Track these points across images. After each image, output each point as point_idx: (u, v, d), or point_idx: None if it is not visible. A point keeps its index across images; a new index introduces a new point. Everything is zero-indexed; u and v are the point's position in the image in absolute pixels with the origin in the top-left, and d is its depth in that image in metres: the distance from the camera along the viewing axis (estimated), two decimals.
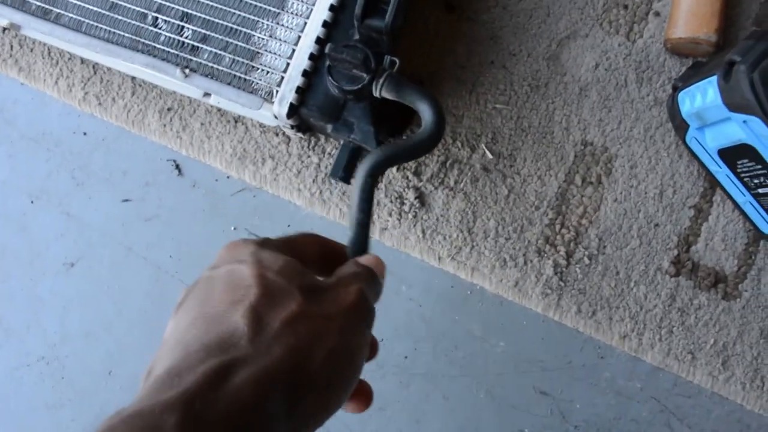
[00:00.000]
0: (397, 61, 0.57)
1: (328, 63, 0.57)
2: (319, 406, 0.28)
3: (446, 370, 0.69)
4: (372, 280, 0.34)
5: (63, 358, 0.72)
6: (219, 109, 0.71)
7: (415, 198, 0.68)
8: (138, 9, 0.63)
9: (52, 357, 0.72)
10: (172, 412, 0.23)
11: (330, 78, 0.57)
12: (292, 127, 0.63)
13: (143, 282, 0.72)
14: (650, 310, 0.68)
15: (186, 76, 0.62)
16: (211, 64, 0.62)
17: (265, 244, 0.33)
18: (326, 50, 0.54)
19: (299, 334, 0.28)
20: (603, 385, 0.69)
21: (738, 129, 0.58)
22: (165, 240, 0.72)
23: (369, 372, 0.69)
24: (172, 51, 0.62)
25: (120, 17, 0.63)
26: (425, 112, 0.51)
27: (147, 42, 0.62)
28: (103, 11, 0.63)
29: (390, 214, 0.69)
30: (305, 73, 0.59)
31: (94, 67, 0.72)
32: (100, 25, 0.63)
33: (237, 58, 0.61)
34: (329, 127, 0.61)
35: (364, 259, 0.36)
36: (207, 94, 0.63)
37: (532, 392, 0.69)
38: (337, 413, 0.30)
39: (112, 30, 0.63)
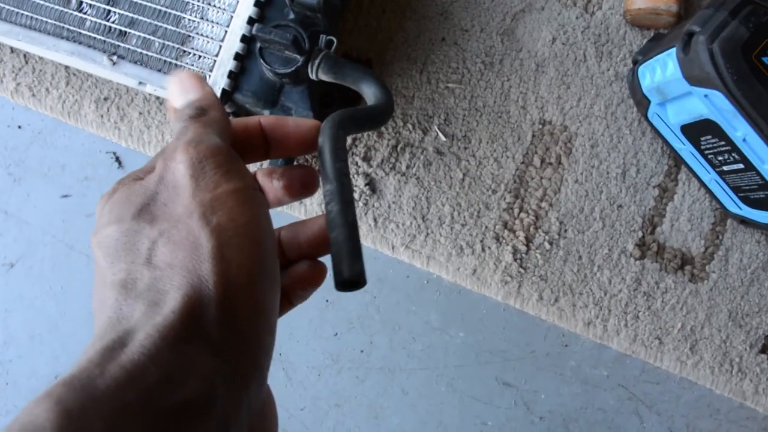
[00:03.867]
0: (335, 40, 0.54)
1: (259, 45, 0.53)
2: (255, 307, 0.23)
3: (404, 363, 0.67)
4: (199, 120, 0.27)
5: (7, 363, 0.69)
6: (158, 98, 0.67)
7: (366, 185, 0.65)
8: None
9: None
10: (40, 402, 0.19)
11: (262, 61, 0.54)
12: (229, 114, 0.60)
13: (87, 281, 0.69)
14: (615, 295, 0.65)
15: (114, 63, 0.58)
16: (140, 50, 0.58)
17: (112, 191, 0.26)
18: (253, 31, 0.50)
19: (170, 264, 0.23)
20: (568, 374, 0.66)
21: (699, 104, 0.55)
22: None
23: (324, 368, 0.66)
24: (98, 37, 0.58)
25: (42, 2, 0.59)
26: (369, 91, 0.47)
27: (71, 28, 0.59)
28: None
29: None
30: (237, 57, 0.56)
31: (25, 56, 0.68)
32: (21, 11, 0.59)
33: (167, 42, 0.58)
34: (266, 113, 0.57)
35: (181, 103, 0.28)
36: (143, 83, 0.59)
37: (495, 383, 0.66)
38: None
39: (34, 16, 0.59)
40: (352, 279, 0.27)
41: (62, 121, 0.68)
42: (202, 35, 0.57)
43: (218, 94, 0.56)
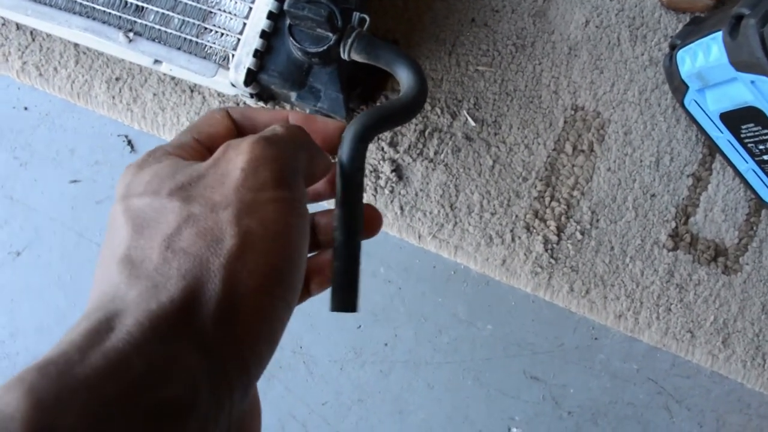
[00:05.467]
0: (368, 18, 0.51)
1: (288, 22, 0.50)
2: (260, 313, 0.22)
3: (430, 357, 0.64)
4: (283, 133, 0.26)
5: (14, 356, 0.66)
6: (173, 78, 0.64)
7: (392, 171, 0.62)
8: None
9: (1, 355, 0.66)
10: (11, 389, 0.18)
11: (292, 39, 0.51)
12: (252, 95, 0.57)
13: None
14: (647, 287, 0.63)
15: (130, 40, 0.55)
16: (158, 27, 0.55)
17: (144, 161, 0.26)
18: (285, 6, 0.47)
19: (185, 253, 0.22)
20: (597, 368, 0.65)
21: (745, 90, 0.53)
22: None
23: (347, 362, 0.64)
24: (113, 12, 0.55)
25: None
26: (403, 74, 0.45)
27: (84, 3, 0.55)
28: None
29: (365, 190, 0.63)
30: (264, 34, 0.53)
31: (32, 33, 0.65)
32: None
33: (187, 18, 0.54)
34: (293, 95, 0.55)
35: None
36: (158, 61, 0.56)
37: (523, 377, 0.64)
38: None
39: None
40: (341, 310, 0.30)
41: (71, 102, 0.65)
42: (224, 11, 0.54)
43: (243, 74, 0.53)
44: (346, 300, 0.30)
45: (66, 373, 0.18)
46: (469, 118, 0.63)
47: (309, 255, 0.32)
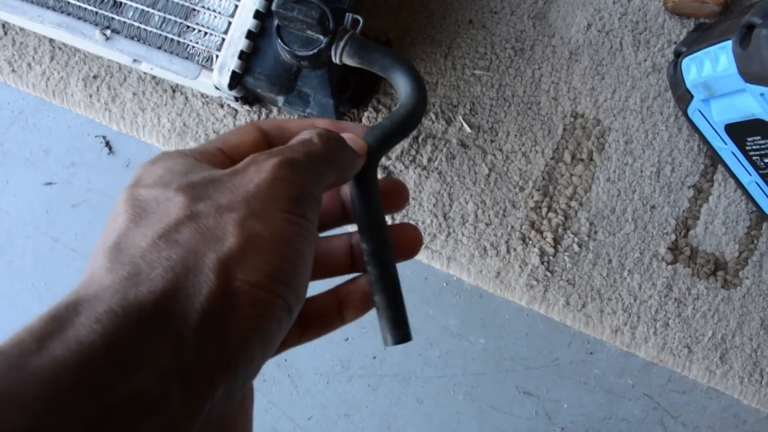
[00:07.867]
0: (361, 19, 0.48)
1: (276, 23, 0.48)
2: (256, 309, 0.21)
3: (420, 371, 0.62)
4: (316, 151, 0.25)
5: None
6: (154, 77, 0.60)
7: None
8: None
9: None
10: None
11: (280, 41, 0.48)
12: (237, 99, 0.54)
13: (73, 276, 0.63)
14: (645, 301, 0.61)
15: (107, 38, 0.52)
16: (137, 24, 0.52)
17: (159, 157, 0.25)
18: (273, 7, 0.44)
19: (179, 244, 0.20)
20: (592, 383, 0.63)
21: (753, 102, 0.51)
22: (96, 228, 0.63)
23: (334, 375, 0.62)
24: (89, 8, 0.52)
25: None
26: (400, 81, 0.42)
27: None
28: None
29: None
30: (250, 35, 0.50)
31: (4, 26, 0.61)
32: None
33: (168, 16, 0.51)
34: (281, 100, 0.52)
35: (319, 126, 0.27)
36: (138, 60, 0.53)
37: (516, 392, 0.62)
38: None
39: None
40: (397, 343, 0.29)
41: (46, 100, 0.61)
42: (208, 9, 0.51)
43: (227, 77, 0.50)
44: (400, 333, 0.29)
45: (18, 366, 0.16)
46: (465, 124, 0.60)
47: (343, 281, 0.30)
